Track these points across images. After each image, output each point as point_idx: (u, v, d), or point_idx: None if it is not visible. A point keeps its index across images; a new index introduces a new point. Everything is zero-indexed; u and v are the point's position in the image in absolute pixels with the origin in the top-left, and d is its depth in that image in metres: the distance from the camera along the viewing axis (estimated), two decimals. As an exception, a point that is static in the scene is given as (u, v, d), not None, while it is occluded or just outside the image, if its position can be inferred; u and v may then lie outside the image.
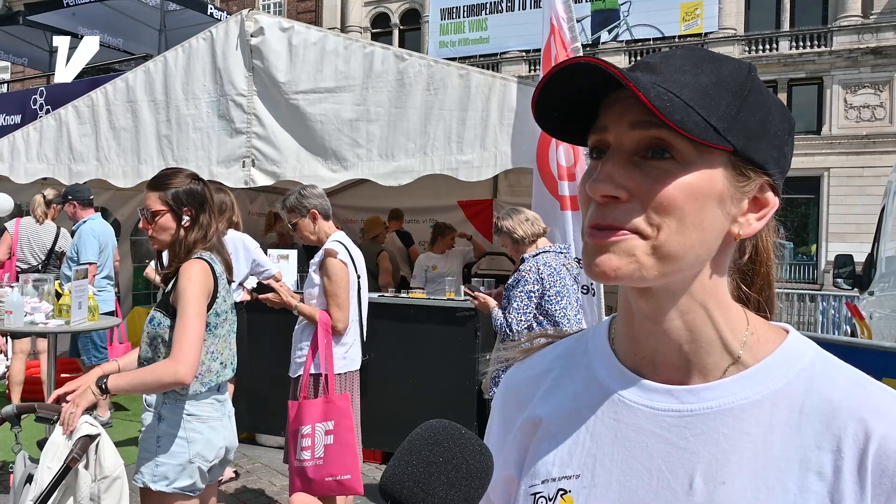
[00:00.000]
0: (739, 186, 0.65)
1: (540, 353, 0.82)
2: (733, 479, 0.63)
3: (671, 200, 0.62)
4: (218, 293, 2.31)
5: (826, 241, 21.82)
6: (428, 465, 0.61)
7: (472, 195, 7.39)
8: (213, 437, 2.32)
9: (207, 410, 2.33)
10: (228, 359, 2.42)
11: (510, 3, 26.26)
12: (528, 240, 3.53)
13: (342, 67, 4.96)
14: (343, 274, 3.25)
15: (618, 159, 0.64)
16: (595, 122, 0.67)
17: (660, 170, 0.63)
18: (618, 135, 0.64)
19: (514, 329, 3.37)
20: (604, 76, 0.61)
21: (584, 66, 0.61)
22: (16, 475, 2.31)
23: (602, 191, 0.63)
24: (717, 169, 0.63)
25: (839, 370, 0.67)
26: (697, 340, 0.67)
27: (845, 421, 0.62)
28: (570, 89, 0.65)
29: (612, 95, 0.65)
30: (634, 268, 0.63)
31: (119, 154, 5.75)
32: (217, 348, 2.35)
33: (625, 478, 0.67)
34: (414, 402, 4.61)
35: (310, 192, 3.36)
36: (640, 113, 0.62)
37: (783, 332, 0.70)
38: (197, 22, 9.73)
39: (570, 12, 4.38)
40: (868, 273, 6.13)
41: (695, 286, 0.67)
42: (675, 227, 0.62)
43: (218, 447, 2.34)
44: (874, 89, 21.78)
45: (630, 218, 0.63)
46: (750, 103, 0.64)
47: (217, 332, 2.34)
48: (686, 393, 0.67)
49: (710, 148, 0.62)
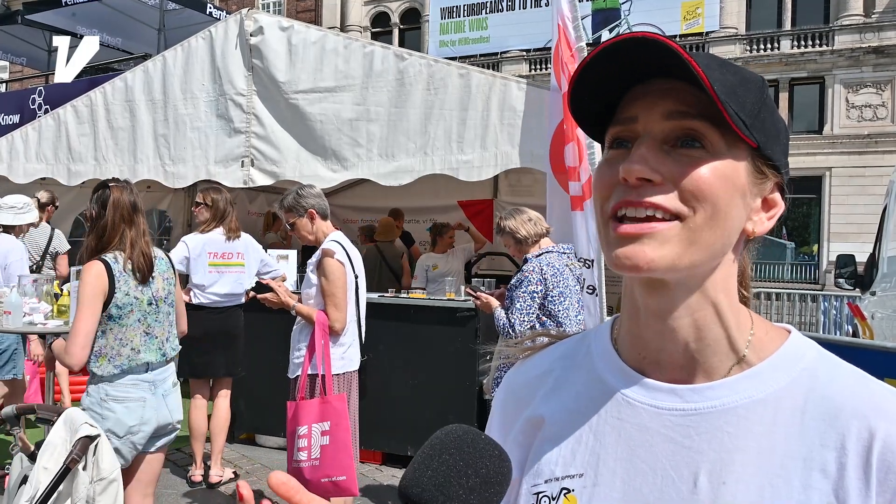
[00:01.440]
0: (758, 183, 0.67)
1: (541, 354, 0.82)
2: (738, 478, 0.63)
3: (707, 184, 0.63)
4: (117, 289, 2.63)
5: (828, 240, 21.79)
6: (448, 469, 0.61)
7: (472, 195, 7.37)
8: (124, 417, 2.64)
9: (126, 391, 2.67)
10: (141, 344, 2.72)
11: (511, 3, 26.24)
12: (530, 240, 3.52)
13: (342, 67, 4.94)
14: (340, 274, 3.24)
15: (650, 144, 0.64)
16: (617, 114, 0.67)
17: (691, 157, 0.63)
18: (648, 124, 0.65)
19: (517, 329, 3.35)
20: (661, 54, 0.61)
21: (639, 40, 0.61)
22: (11, 476, 2.30)
23: (638, 172, 0.63)
24: (742, 162, 0.65)
25: (842, 369, 0.67)
26: (704, 339, 0.67)
27: (849, 419, 0.62)
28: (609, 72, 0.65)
29: (639, 87, 0.66)
30: (670, 259, 0.63)
31: (116, 154, 5.74)
32: (126, 335, 2.68)
33: (629, 477, 0.67)
34: (414, 403, 4.60)
35: (308, 191, 3.35)
36: (677, 103, 0.63)
37: (785, 333, 0.71)
38: (196, 21, 9.72)
39: (575, 12, 4.36)
40: (870, 273, 6.12)
41: (709, 282, 0.67)
42: (710, 212, 0.63)
43: (129, 426, 2.64)
44: (876, 89, 21.75)
45: (667, 199, 0.63)
46: (767, 108, 0.66)
47: (124, 322, 2.67)
48: (690, 392, 0.67)
49: (738, 142, 0.64)
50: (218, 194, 4.42)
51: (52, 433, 2.24)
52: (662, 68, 0.63)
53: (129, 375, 2.68)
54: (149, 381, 2.73)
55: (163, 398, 2.78)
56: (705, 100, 0.61)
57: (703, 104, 0.62)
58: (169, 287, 2.86)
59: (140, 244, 2.71)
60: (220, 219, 4.37)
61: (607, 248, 0.66)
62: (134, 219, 2.71)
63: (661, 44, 0.60)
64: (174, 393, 2.85)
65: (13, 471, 2.31)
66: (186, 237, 4.44)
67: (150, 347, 2.75)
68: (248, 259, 4.46)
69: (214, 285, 4.35)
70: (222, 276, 4.37)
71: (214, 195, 4.40)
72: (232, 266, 4.40)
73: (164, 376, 2.81)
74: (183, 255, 4.29)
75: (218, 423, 4.42)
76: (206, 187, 4.56)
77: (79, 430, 2.20)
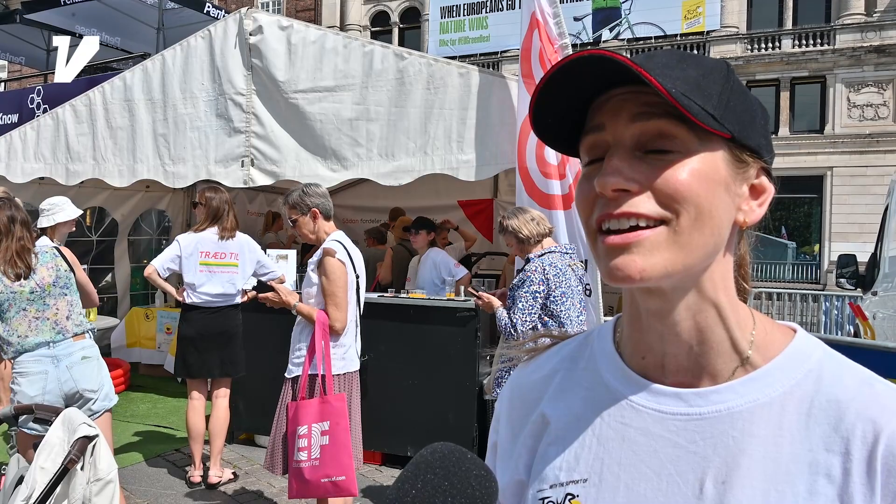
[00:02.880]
0: (740, 172, 0.66)
1: (545, 355, 0.81)
2: (743, 483, 0.62)
3: (685, 185, 0.61)
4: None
5: (829, 240, 21.76)
6: (434, 489, 0.61)
7: (472, 195, 7.37)
8: (27, 389, 3.14)
9: (28, 367, 3.17)
10: (25, 331, 3.20)
11: (510, 2, 26.21)
12: (533, 240, 3.51)
13: (341, 66, 4.93)
14: (341, 273, 3.23)
15: (622, 154, 0.63)
16: (586, 124, 0.67)
17: (664, 160, 0.62)
18: (616, 131, 0.64)
19: (519, 329, 3.34)
20: (612, 68, 0.61)
21: (589, 58, 0.61)
22: (8, 476, 2.29)
23: (613, 184, 0.62)
24: (718, 154, 0.64)
25: (847, 370, 0.66)
26: (708, 341, 0.67)
27: (853, 422, 0.62)
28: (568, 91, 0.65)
29: (603, 96, 0.65)
30: (661, 267, 0.62)
31: (115, 153, 5.73)
32: (11, 327, 3.20)
33: (633, 481, 0.67)
34: (414, 403, 4.59)
35: (313, 190, 3.34)
36: (640, 105, 0.62)
37: (791, 332, 0.70)
38: (195, 20, 9.71)
39: (555, 7, 4.34)
40: (871, 273, 6.10)
41: (707, 281, 0.66)
42: (693, 213, 0.62)
43: (31, 395, 3.11)
44: (877, 88, 21.71)
45: (646, 205, 0.62)
46: (735, 93, 0.65)
47: (5, 317, 3.19)
48: (695, 396, 0.67)
49: (710, 135, 0.63)
50: (214, 193, 4.40)
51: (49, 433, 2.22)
52: (621, 77, 0.62)
53: (30, 354, 3.19)
54: (50, 356, 3.20)
55: (67, 370, 3.21)
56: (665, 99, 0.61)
57: (667, 102, 0.61)
58: (56, 272, 3.30)
59: (13, 249, 3.20)
60: (215, 218, 4.35)
61: (599, 261, 0.65)
62: (11, 229, 3.21)
63: (609, 59, 0.60)
64: (81, 364, 3.27)
65: (9, 471, 2.30)
66: (180, 236, 4.42)
67: (43, 329, 3.22)
68: (243, 259, 4.43)
69: (206, 285, 4.33)
70: (214, 275, 4.35)
71: (209, 194, 4.39)
72: (224, 266, 4.37)
73: (70, 350, 3.26)
74: (174, 254, 4.29)
75: (217, 423, 4.40)
76: (204, 187, 4.55)
77: (77, 430, 2.19)
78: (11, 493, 2.17)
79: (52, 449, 2.20)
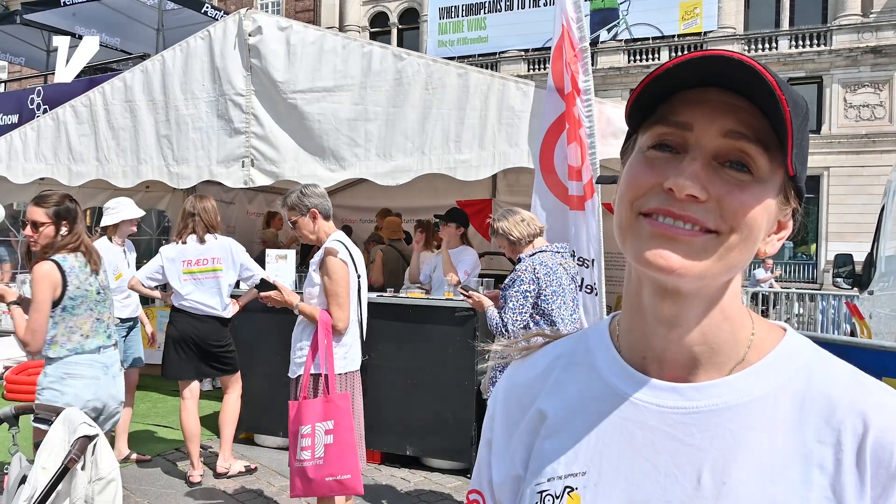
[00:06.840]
0: (782, 210, 0.68)
1: (539, 354, 0.82)
2: (740, 474, 0.64)
3: (749, 210, 0.63)
4: (69, 283, 2.98)
5: (826, 240, 21.81)
6: None
7: (470, 195, 7.37)
8: (81, 392, 2.97)
9: (81, 370, 3.01)
10: (90, 330, 3.07)
11: (509, 3, 26.23)
12: (524, 240, 3.52)
13: (340, 67, 4.94)
14: (344, 273, 3.24)
15: (703, 161, 0.64)
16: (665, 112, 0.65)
17: (739, 180, 0.64)
18: (704, 137, 0.64)
19: (510, 329, 3.35)
20: (746, 74, 0.60)
21: (734, 62, 0.60)
22: (10, 476, 2.30)
23: (689, 190, 0.62)
24: (778, 186, 0.66)
25: (836, 367, 0.69)
26: (709, 343, 0.69)
27: (844, 415, 0.64)
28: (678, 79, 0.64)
29: (694, 93, 0.64)
30: (700, 269, 0.63)
31: (119, 154, 5.74)
32: (76, 323, 3.03)
33: (632, 474, 0.68)
34: (413, 403, 4.60)
35: (311, 191, 3.35)
36: (737, 123, 0.63)
37: (781, 331, 0.72)
38: (195, 21, 9.71)
39: (579, 12, 4.34)
40: (868, 272, 6.13)
41: (720, 292, 0.68)
42: (745, 234, 0.64)
43: (86, 399, 2.96)
44: (874, 88, 21.76)
45: (708, 216, 0.63)
46: (806, 134, 0.66)
47: (75, 312, 3.02)
48: (692, 390, 0.68)
49: (780, 168, 0.65)
50: (188, 200, 4.49)
51: (50, 433, 2.24)
52: (723, 79, 0.62)
53: (86, 356, 3.05)
54: (101, 362, 3.09)
55: (113, 379, 3.13)
56: (763, 124, 0.62)
57: (760, 128, 0.62)
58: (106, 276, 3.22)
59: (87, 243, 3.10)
60: (188, 226, 4.40)
61: (636, 242, 0.65)
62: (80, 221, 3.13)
63: (751, 68, 0.59)
64: (120, 376, 3.21)
65: (12, 471, 2.31)
66: (163, 248, 4.50)
67: (99, 332, 3.11)
68: (226, 262, 4.45)
69: (193, 293, 4.39)
70: (199, 283, 4.39)
71: (185, 201, 4.45)
72: (208, 272, 4.41)
73: (115, 360, 3.18)
74: (157, 265, 4.39)
75: (224, 415, 4.48)
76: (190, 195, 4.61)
77: (77, 429, 2.20)
78: (15, 493, 2.19)
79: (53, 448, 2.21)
